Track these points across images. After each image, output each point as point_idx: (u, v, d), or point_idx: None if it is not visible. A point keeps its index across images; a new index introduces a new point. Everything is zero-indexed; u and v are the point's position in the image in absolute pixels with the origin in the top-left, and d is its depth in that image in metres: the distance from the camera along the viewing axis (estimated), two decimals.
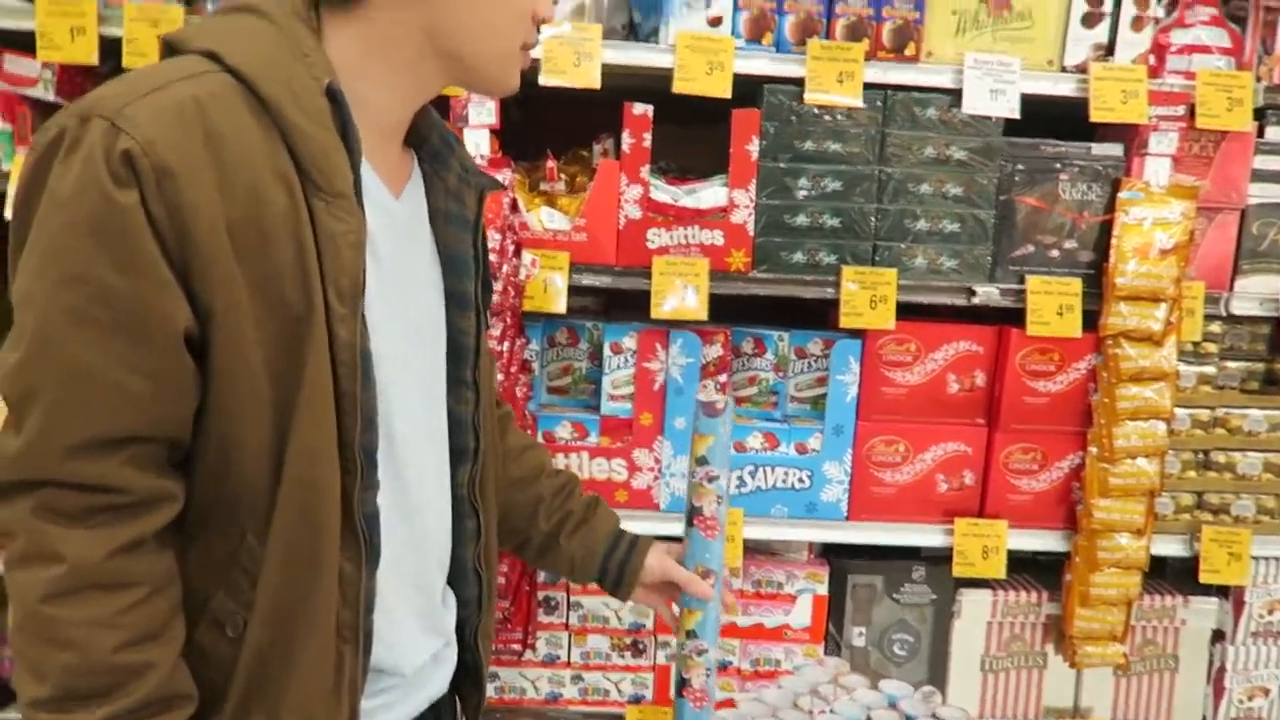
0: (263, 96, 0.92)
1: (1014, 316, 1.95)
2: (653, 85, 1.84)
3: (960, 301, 1.94)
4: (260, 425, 0.93)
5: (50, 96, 1.81)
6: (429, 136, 1.14)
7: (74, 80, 1.87)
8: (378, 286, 1.01)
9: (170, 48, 0.97)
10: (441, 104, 1.82)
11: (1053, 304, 1.93)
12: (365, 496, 1.00)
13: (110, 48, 1.75)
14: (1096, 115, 1.89)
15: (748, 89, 1.85)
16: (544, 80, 1.77)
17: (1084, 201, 1.95)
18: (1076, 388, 1.97)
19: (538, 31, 1.09)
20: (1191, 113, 1.92)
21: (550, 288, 1.83)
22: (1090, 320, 1.95)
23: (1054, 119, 1.96)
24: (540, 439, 1.92)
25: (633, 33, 2.01)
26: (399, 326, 1.06)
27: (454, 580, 1.21)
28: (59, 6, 1.72)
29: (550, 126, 2.04)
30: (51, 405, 0.86)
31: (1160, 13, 1.99)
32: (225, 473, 0.94)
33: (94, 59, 1.74)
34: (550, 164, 1.96)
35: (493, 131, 1.81)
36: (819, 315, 2.07)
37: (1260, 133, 1.97)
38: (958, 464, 1.99)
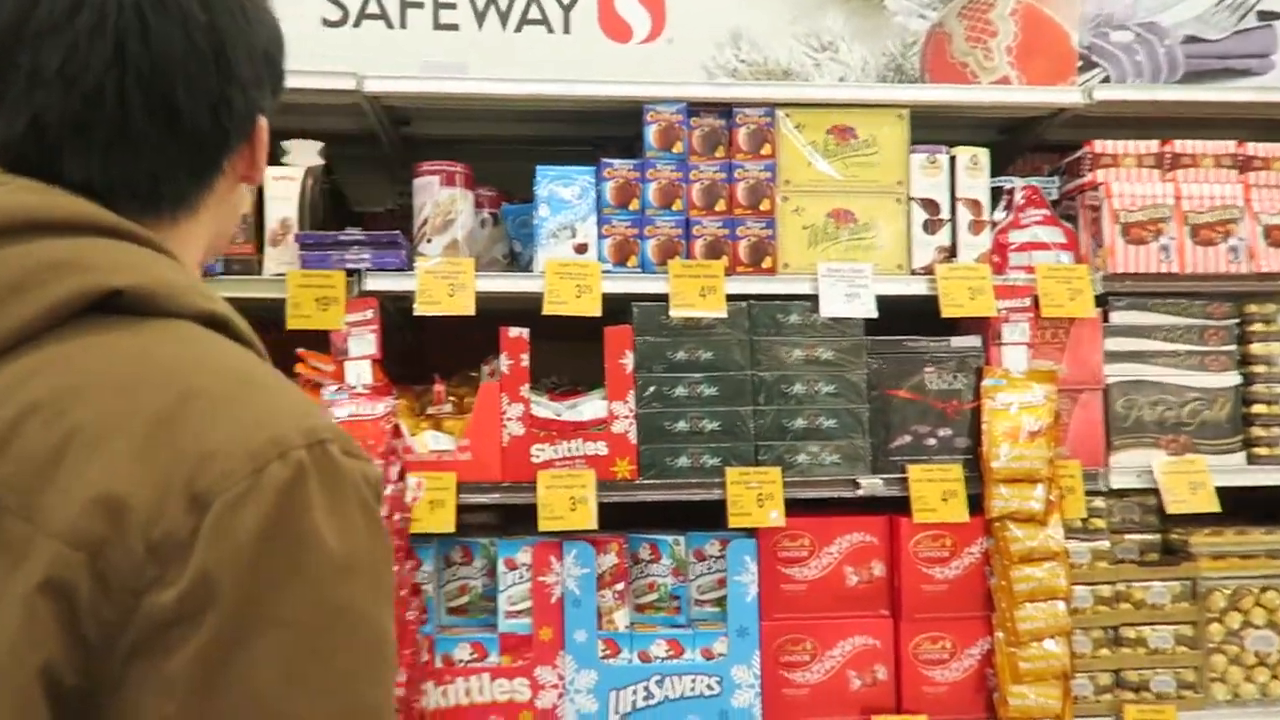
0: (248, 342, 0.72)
1: (901, 505, 1.93)
2: (537, 307, 1.90)
3: (846, 494, 1.92)
4: None
5: None
6: None
7: None
8: None
9: (127, 305, 0.64)
10: (321, 339, 1.87)
11: (936, 491, 1.91)
12: None
13: None
14: (947, 311, 1.96)
15: (620, 305, 1.92)
16: (419, 310, 1.82)
17: (951, 390, 1.98)
18: (973, 571, 1.92)
19: None
20: (1037, 304, 2.00)
21: (438, 509, 1.80)
22: (976, 503, 1.93)
23: (920, 314, 2.03)
24: (439, 663, 1.82)
25: (514, 261, 2.10)
26: None
27: None
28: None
29: (443, 347, 2.09)
30: None
31: (1001, 214, 2.12)
32: None
33: None
34: (438, 387, 1.98)
35: (375, 361, 1.84)
36: (712, 516, 2.04)
37: (1105, 318, 2.04)
38: (868, 658, 1.89)
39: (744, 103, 2.00)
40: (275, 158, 1.97)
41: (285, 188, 1.92)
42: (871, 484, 1.91)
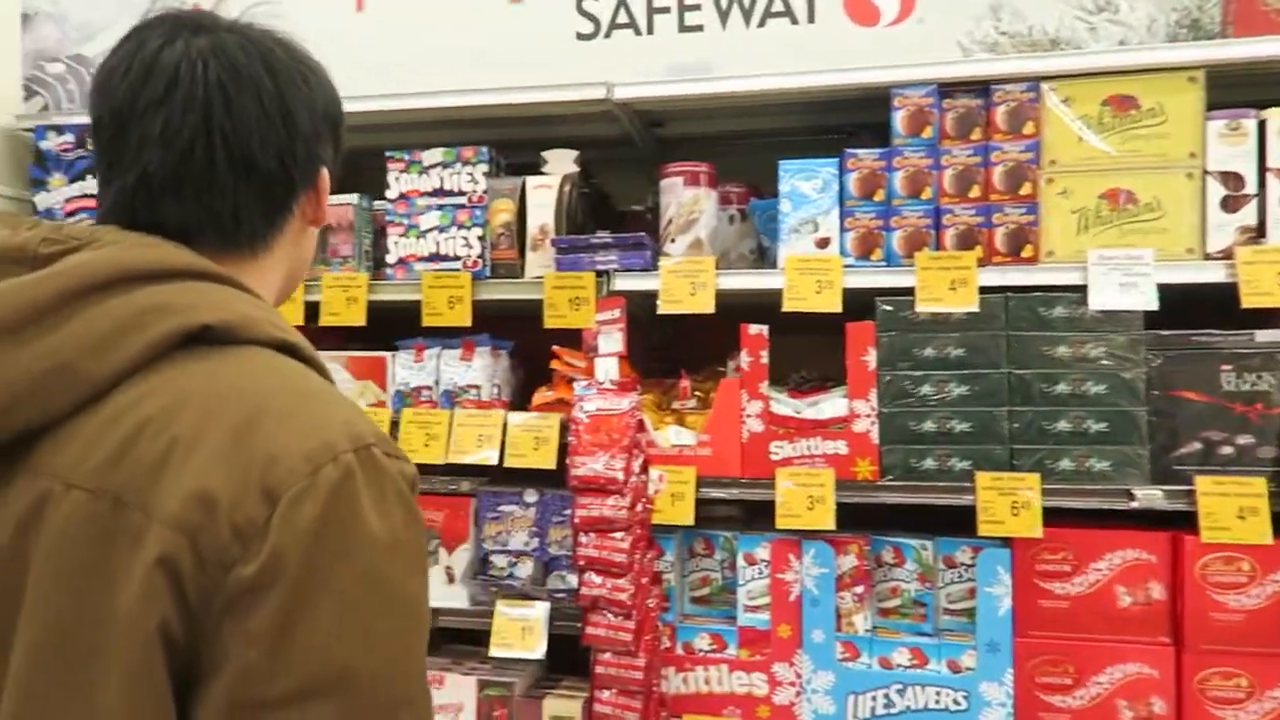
0: (312, 363, 0.85)
1: (1185, 521, 1.71)
2: (780, 302, 1.88)
3: (1118, 506, 1.74)
4: None
5: None
6: None
7: None
8: None
9: (213, 337, 0.77)
10: (574, 336, 1.98)
11: (1231, 506, 1.67)
12: None
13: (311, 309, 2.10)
14: (1250, 301, 1.69)
15: (865, 300, 1.86)
16: (662, 310, 1.88)
17: (1256, 392, 1.72)
18: None
19: None
20: None
21: (678, 502, 1.86)
22: None
23: (1215, 305, 1.78)
24: (680, 650, 1.88)
25: (762, 255, 2.10)
26: None
27: None
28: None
29: (699, 341, 2.13)
30: None
31: None
32: None
33: (300, 320, 2.09)
34: (684, 383, 2.03)
35: (622, 358, 1.92)
36: (957, 523, 1.92)
37: None
38: (1143, 688, 1.70)
39: (1004, 79, 1.85)
40: (535, 168, 2.12)
41: (544, 195, 2.05)
42: (1149, 495, 1.71)
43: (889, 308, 1.83)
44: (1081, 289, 1.77)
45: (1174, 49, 1.84)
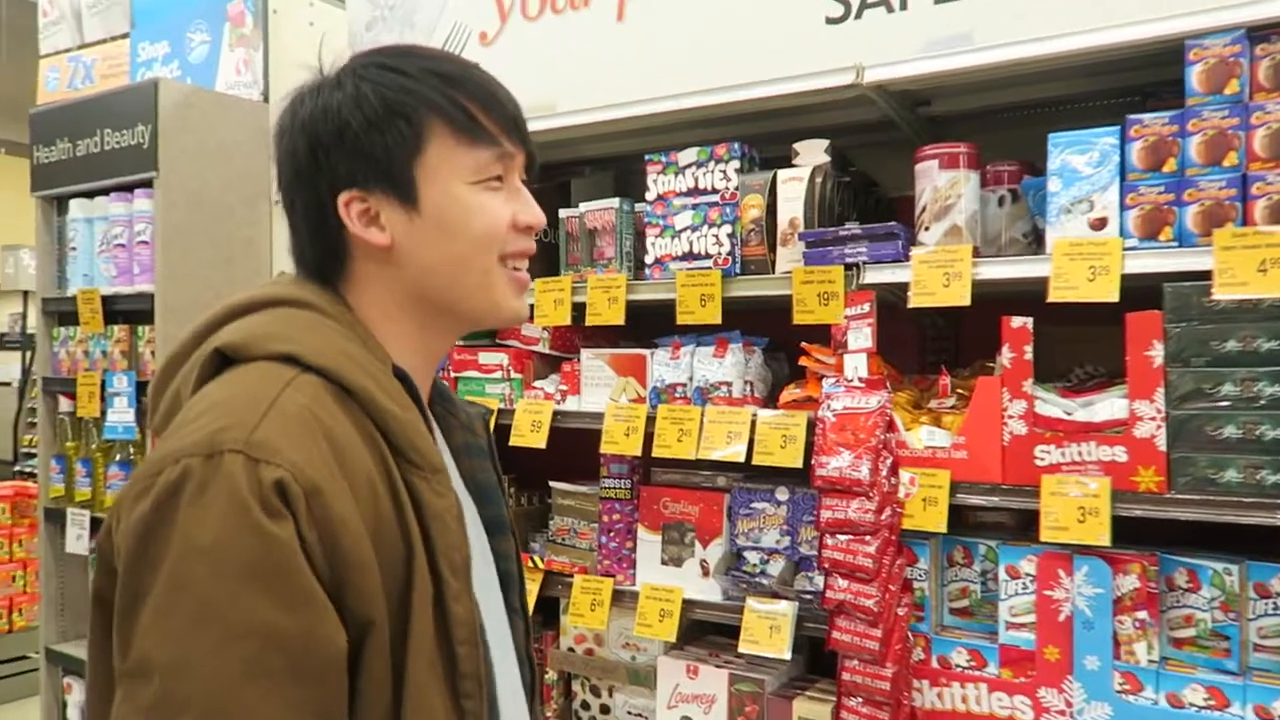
0: (352, 389, 0.90)
1: None
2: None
3: None
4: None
5: (546, 350, 2.38)
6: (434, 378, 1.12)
7: (563, 336, 2.41)
8: None
9: (227, 357, 0.91)
10: (823, 331, 1.94)
11: None
12: None
13: (578, 310, 2.25)
14: None
15: (1150, 287, 1.65)
16: (914, 303, 1.79)
17: None
18: None
19: (529, 237, 1.05)
20: None
21: (930, 507, 1.77)
22: None
23: None
24: (935, 663, 1.80)
25: (1037, 239, 1.93)
26: (480, 581, 0.98)
27: None
28: (547, 286, 2.26)
29: (978, 333, 2.01)
30: None
31: None
32: None
33: (568, 320, 2.25)
34: (943, 380, 1.92)
35: (871, 354, 1.86)
36: (1268, 543, 1.65)
37: None
38: None
39: None
40: (789, 160, 2.11)
41: (793, 189, 2.04)
42: None
43: (1180, 295, 1.62)
44: None
45: None
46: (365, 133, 0.97)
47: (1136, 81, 1.87)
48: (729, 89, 2.06)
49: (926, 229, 1.88)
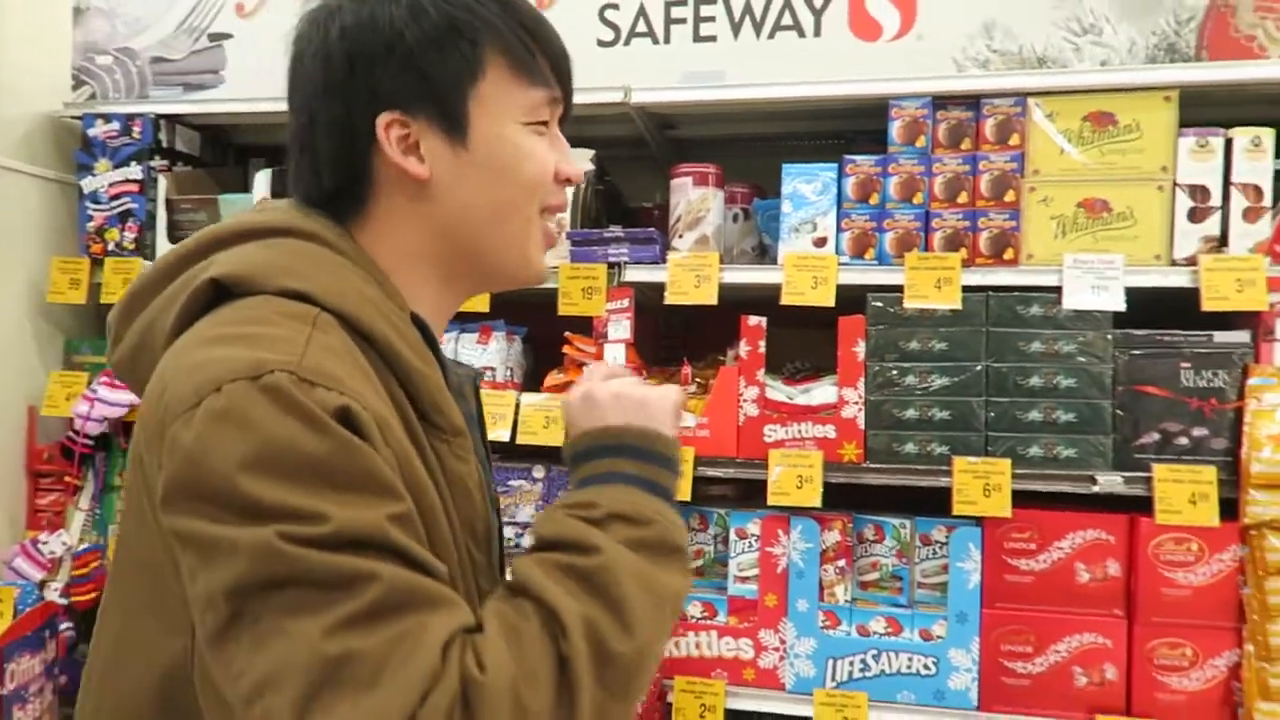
0: (373, 337, 0.82)
1: (1141, 505, 1.90)
2: (778, 296, 2.07)
3: (1081, 490, 1.93)
4: None
5: None
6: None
7: None
8: None
9: (226, 289, 0.82)
10: (585, 323, 2.17)
11: (1184, 492, 1.86)
12: None
13: None
14: (1209, 305, 1.88)
15: (857, 296, 2.04)
16: (669, 300, 2.07)
17: (1210, 389, 1.90)
18: (1223, 580, 1.84)
19: (564, 192, 0.99)
20: None
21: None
22: (1230, 508, 1.85)
23: (1182, 309, 1.96)
24: None
25: (764, 253, 2.29)
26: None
27: None
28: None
29: (704, 333, 2.34)
30: (425, 615, 0.72)
31: None
32: None
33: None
34: (685, 370, 2.22)
35: (630, 345, 2.12)
36: (934, 503, 2.11)
37: None
38: (1096, 657, 1.89)
39: (994, 94, 2.03)
40: None
41: None
42: (1110, 481, 1.90)
43: (879, 303, 2.02)
44: (1057, 290, 1.95)
45: (1152, 70, 2.01)
46: (421, 49, 0.86)
47: (850, 127, 2.27)
48: None
49: (680, 236, 2.17)
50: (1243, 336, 1.90)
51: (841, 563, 2.04)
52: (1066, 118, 2.01)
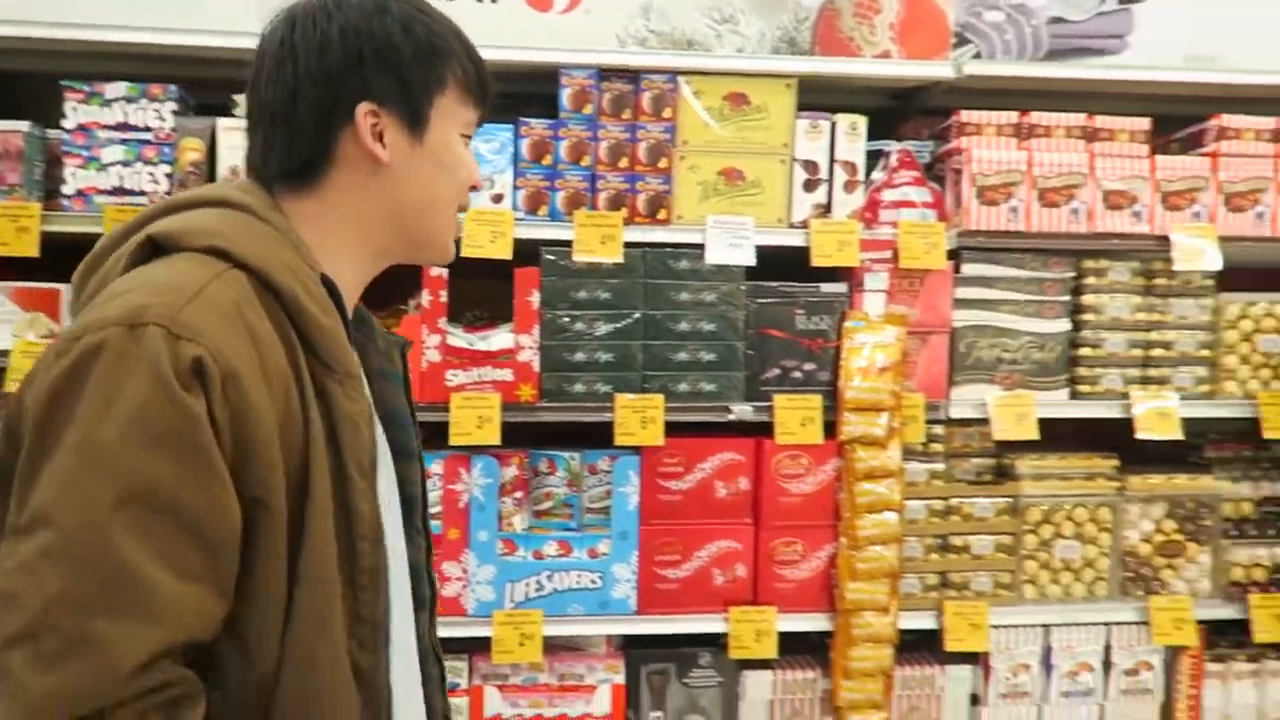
0: (278, 289, 0.95)
1: (768, 429, 2.28)
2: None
3: (721, 419, 2.27)
4: (276, 608, 0.92)
5: None
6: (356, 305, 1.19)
7: None
8: None
9: (161, 246, 0.96)
10: None
11: (797, 417, 2.26)
12: (386, 672, 1.01)
13: None
14: (817, 261, 2.28)
15: (531, 250, 2.23)
16: None
17: (818, 330, 2.31)
18: (826, 487, 2.28)
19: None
20: (896, 256, 2.32)
21: None
22: (833, 429, 2.28)
23: (801, 262, 2.33)
24: None
25: None
26: (383, 501, 1.04)
27: None
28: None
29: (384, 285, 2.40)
30: (119, 628, 0.82)
31: (879, 174, 2.43)
32: (239, 662, 0.92)
33: None
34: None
35: None
36: (603, 436, 2.38)
37: (957, 269, 2.37)
38: (730, 559, 2.26)
39: (650, 70, 2.28)
40: (228, 109, 2.25)
41: (235, 138, 2.19)
42: (742, 410, 2.26)
43: (551, 256, 2.22)
44: (701, 247, 2.26)
45: (775, 60, 2.36)
46: (407, 60, 1.05)
47: (535, 90, 2.41)
48: (170, 31, 2.14)
49: None
50: (842, 288, 2.33)
51: (519, 495, 2.24)
52: (710, 96, 2.31)
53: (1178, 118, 2.51)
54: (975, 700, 2.34)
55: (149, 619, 0.83)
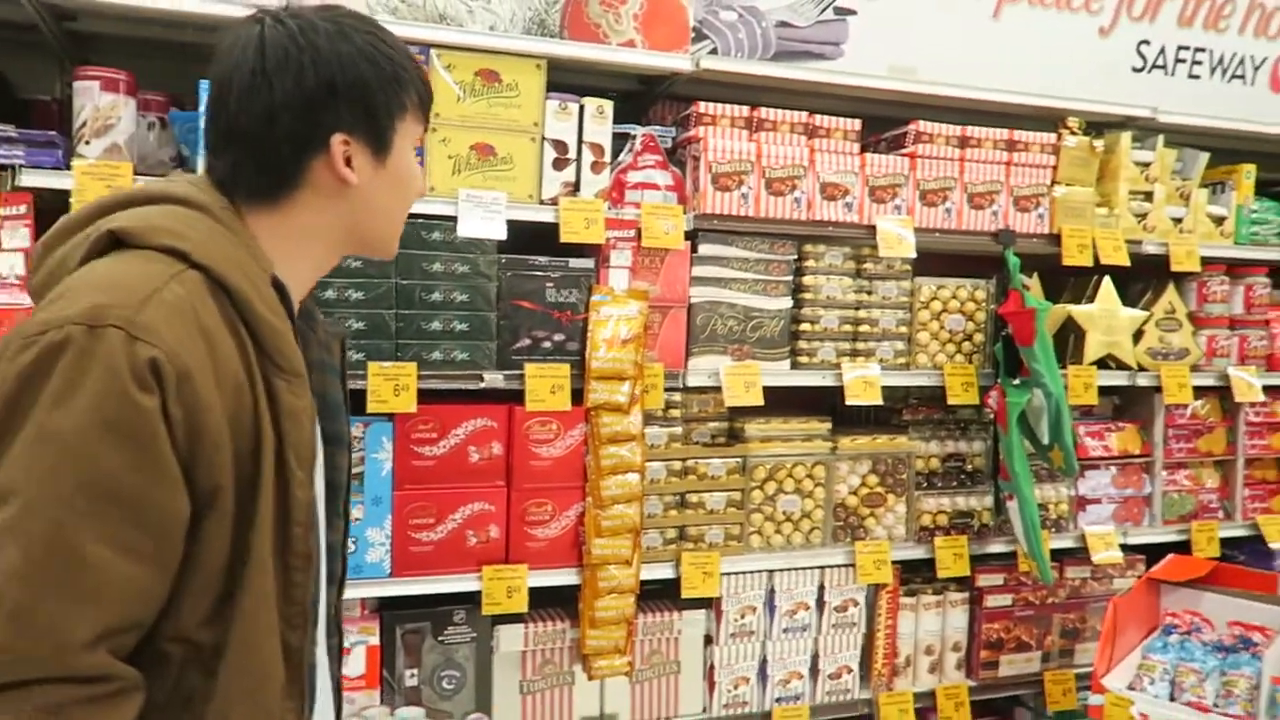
0: (231, 289, 1.02)
1: (519, 396, 2.38)
2: None
3: (473, 386, 2.35)
4: (211, 592, 1.00)
5: None
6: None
7: None
8: None
9: (121, 241, 1.02)
10: None
11: (547, 385, 2.38)
12: (310, 649, 1.11)
13: None
14: (566, 237, 2.40)
15: None
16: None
17: (567, 303, 2.44)
18: (574, 451, 2.42)
19: None
20: (640, 235, 2.49)
21: None
22: (579, 396, 2.42)
23: (550, 237, 2.45)
24: None
25: (183, 164, 2.31)
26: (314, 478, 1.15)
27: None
28: None
29: None
30: (64, 603, 0.88)
31: (625, 156, 2.58)
32: (183, 649, 1.00)
33: None
34: None
35: (28, 254, 2.01)
36: (358, 403, 2.40)
37: (694, 249, 2.58)
38: (483, 520, 2.36)
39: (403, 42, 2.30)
40: None
41: None
42: (493, 379, 2.35)
43: (406, 233, 2.19)
44: (453, 219, 2.32)
45: (525, 41, 2.45)
46: (376, 90, 1.14)
47: None
48: None
49: (87, 143, 2.10)
50: (589, 263, 2.46)
51: None
52: (462, 71, 2.37)
53: (884, 119, 2.85)
54: (709, 640, 2.57)
55: (97, 599, 0.90)
